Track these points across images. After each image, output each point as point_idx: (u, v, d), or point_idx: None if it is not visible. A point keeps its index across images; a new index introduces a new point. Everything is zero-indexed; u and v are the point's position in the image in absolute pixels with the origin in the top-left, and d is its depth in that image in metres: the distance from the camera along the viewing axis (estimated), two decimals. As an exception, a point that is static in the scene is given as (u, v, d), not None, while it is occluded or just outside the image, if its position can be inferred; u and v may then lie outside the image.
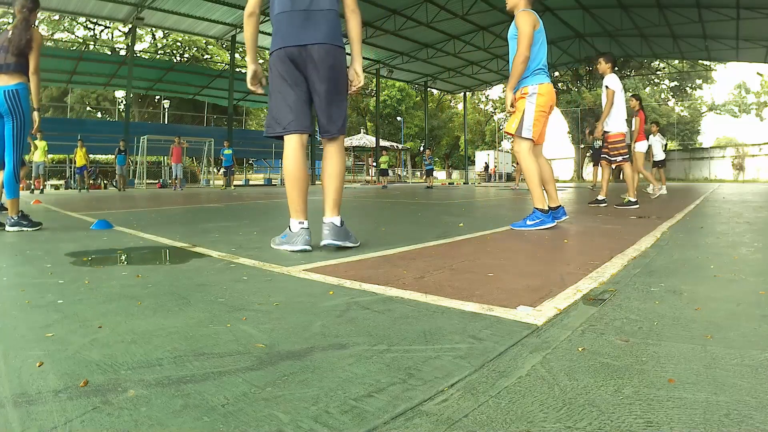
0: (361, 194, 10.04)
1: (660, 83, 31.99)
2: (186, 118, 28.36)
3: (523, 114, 3.17)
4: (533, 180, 3.18)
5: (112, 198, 8.68)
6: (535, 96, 3.15)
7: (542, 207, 3.12)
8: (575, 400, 0.76)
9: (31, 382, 0.83)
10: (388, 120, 41.00)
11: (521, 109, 3.18)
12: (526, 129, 3.17)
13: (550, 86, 3.21)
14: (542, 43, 3.20)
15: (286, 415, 0.72)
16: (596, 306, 1.30)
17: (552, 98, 3.25)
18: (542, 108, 3.17)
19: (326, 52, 2.21)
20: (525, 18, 3.09)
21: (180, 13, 16.34)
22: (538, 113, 3.16)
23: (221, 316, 1.23)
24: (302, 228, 2.24)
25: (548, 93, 3.19)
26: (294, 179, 2.28)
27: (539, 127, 3.21)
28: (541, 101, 3.15)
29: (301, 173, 2.28)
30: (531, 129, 3.17)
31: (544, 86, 3.16)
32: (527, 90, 3.17)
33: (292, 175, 2.28)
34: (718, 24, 16.91)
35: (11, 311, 1.30)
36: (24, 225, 3.28)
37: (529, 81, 3.17)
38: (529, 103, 3.16)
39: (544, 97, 3.16)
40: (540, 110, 3.16)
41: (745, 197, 7.11)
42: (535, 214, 3.11)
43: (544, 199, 3.15)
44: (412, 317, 1.21)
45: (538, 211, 3.12)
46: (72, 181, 17.10)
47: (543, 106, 3.17)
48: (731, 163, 25.85)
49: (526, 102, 3.17)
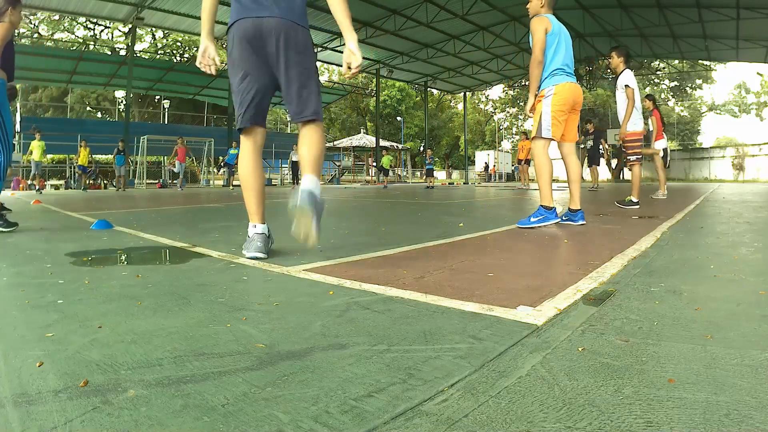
0: (361, 194, 10.04)
1: (660, 83, 32.02)
2: (186, 118, 28.35)
3: (540, 116, 3.31)
4: (543, 177, 3.29)
5: (112, 198, 8.68)
6: (551, 97, 3.27)
7: (547, 204, 3.22)
8: (575, 400, 0.76)
9: (31, 382, 0.83)
10: (388, 120, 41.02)
11: (539, 112, 3.33)
12: (545, 129, 3.30)
13: (567, 85, 3.30)
14: (558, 44, 3.32)
15: (286, 415, 0.72)
16: (596, 306, 1.30)
17: (572, 95, 3.34)
18: (559, 107, 3.27)
19: (291, 29, 2.00)
20: (536, 24, 3.27)
21: (180, 13, 16.32)
22: (555, 113, 3.28)
23: (221, 316, 1.23)
24: (256, 233, 2.11)
25: (565, 91, 3.30)
26: (245, 182, 2.16)
27: (558, 126, 3.32)
28: (557, 101, 3.27)
29: (252, 176, 2.14)
30: (549, 129, 3.30)
31: (560, 86, 3.28)
32: (544, 92, 3.33)
33: (243, 178, 2.16)
34: (718, 24, 16.91)
35: (11, 311, 1.30)
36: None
37: (546, 83, 3.33)
38: (545, 105, 3.29)
39: (559, 96, 3.27)
40: (557, 109, 3.27)
41: (745, 197, 7.11)
42: (540, 210, 3.23)
43: (550, 197, 3.25)
44: (412, 317, 1.21)
45: (542, 208, 3.22)
46: (72, 180, 17.10)
47: (560, 105, 3.28)
48: (731, 163, 25.83)
49: (542, 104, 3.31)
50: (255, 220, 2.13)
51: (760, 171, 24.56)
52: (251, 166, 2.16)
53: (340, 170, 29.43)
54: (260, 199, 2.14)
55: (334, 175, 27.48)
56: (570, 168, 3.50)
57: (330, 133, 39.97)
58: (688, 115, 34.84)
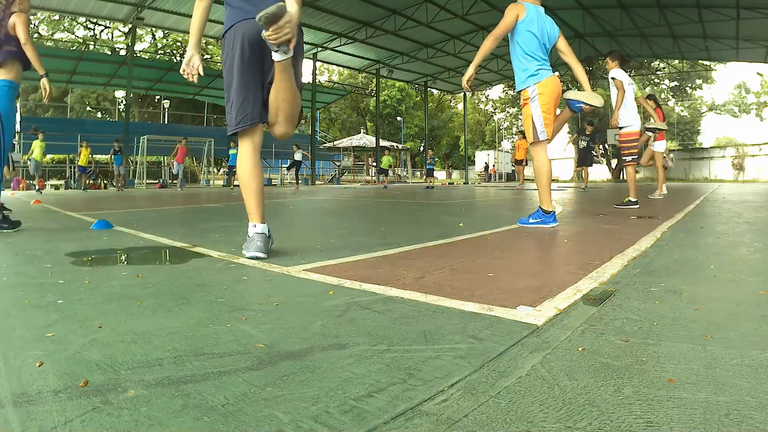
0: (361, 194, 10.04)
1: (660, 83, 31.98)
2: (186, 118, 28.34)
3: (532, 120, 3.28)
4: (543, 181, 3.30)
5: (112, 198, 8.68)
6: (537, 98, 3.25)
7: (546, 208, 3.25)
8: (575, 400, 0.76)
9: (31, 382, 0.83)
10: (388, 120, 41.00)
11: (529, 116, 3.30)
12: (540, 132, 3.30)
13: (549, 80, 3.26)
14: (530, 33, 3.22)
15: (286, 415, 0.72)
16: (596, 306, 1.30)
17: (556, 89, 3.31)
18: (547, 105, 3.27)
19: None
20: (508, 9, 3.24)
21: (180, 13, 16.32)
22: (545, 112, 3.27)
23: (221, 316, 1.23)
24: (256, 233, 2.11)
25: (549, 88, 3.26)
26: (244, 182, 2.16)
27: (551, 124, 3.32)
28: (544, 100, 3.27)
29: (251, 176, 2.15)
30: (544, 130, 3.30)
31: (542, 84, 3.24)
32: (527, 94, 3.27)
33: (242, 179, 2.17)
34: (718, 24, 16.90)
35: (11, 311, 1.30)
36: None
37: (527, 82, 3.26)
38: (534, 107, 3.27)
39: (545, 95, 3.26)
40: (546, 108, 3.27)
41: (745, 197, 7.11)
42: (538, 213, 3.27)
43: (549, 201, 3.26)
44: (412, 317, 1.21)
45: (541, 210, 3.25)
46: (72, 180, 17.11)
47: (547, 103, 3.27)
48: (731, 163, 25.82)
49: (530, 107, 3.28)
50: (255, 219, 2.13)
51: (760, 171, 24.56)
52: (251, 166, 2.16)
53: (340, 170, 29.44)
54: (260, 199, 2.15)
55: (334, 175, 27.49)
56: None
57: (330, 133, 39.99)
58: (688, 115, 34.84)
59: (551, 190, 3.35)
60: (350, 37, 20.29)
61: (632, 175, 5.43)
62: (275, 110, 2.10)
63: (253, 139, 2.16)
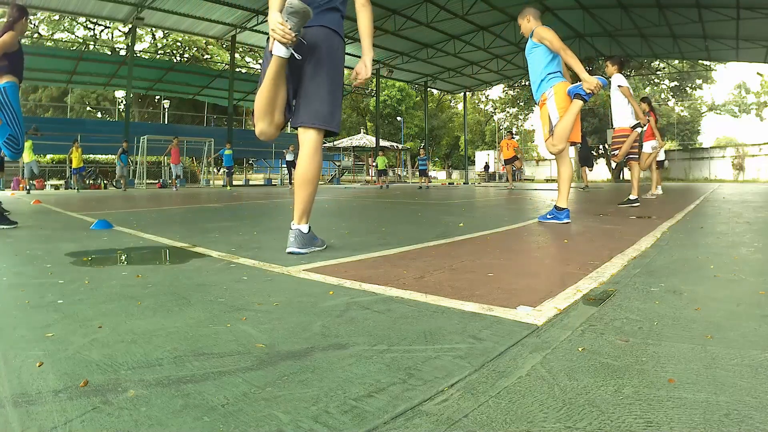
0: (361, 194, 10.04)
1: (660, 83, 31.95)
2: (186, 118, 28.33)
3: (549, 116, 3.60)
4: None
5: (112, 198, 8.68)
6: (553, 97, 3.58)
7: (561, 205, 3.52)
8: (575, 400, 0.76)
9: (31, 382, 0.83)
10: (388, 120, 40.98)
11: (546, 114, 3.62)
12: (554, 119, 3.57)
13: (561, 85, 3.60)
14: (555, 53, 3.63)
15: (286, 415, 0.72)
16: (596, 306, 1.30)
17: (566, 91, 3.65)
18: (563, 104, 3.55)
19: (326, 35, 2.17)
20: (545, 32, 3.57)
21: (180, 13, 16.32)
22: (560, 110, 3.55)
23: (221, 316, 1.23)
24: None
25: (561, 90, 3.60)
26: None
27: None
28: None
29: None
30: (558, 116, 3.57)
31: (557, 86, 3.59)
32: (546, 96, 3.64)
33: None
34: (718, 24, 16.89)
35: (11, 311, 1.30)
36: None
37: (544, 87, 3.64)
38: (551, 106, 3.59)
39: (558, 95, 3.57)
40: (561, 106, 3.55)
41: (745, 197, 7.11)
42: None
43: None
44: (412, 317, 1.21)
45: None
46: (71, 181, 17.10)
47: (562, 102, 3.56)
48: (731, 163, 25.81)
49: (548, 106, 3.61)
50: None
51: (760, 171, 24.55)
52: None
53: (340, 170, 29.43)
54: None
55: (334, 175, 27.47)
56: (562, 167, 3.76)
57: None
58: (688, 115, 34.77)
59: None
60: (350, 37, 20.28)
61: (637, 174, 5.47)
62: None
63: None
